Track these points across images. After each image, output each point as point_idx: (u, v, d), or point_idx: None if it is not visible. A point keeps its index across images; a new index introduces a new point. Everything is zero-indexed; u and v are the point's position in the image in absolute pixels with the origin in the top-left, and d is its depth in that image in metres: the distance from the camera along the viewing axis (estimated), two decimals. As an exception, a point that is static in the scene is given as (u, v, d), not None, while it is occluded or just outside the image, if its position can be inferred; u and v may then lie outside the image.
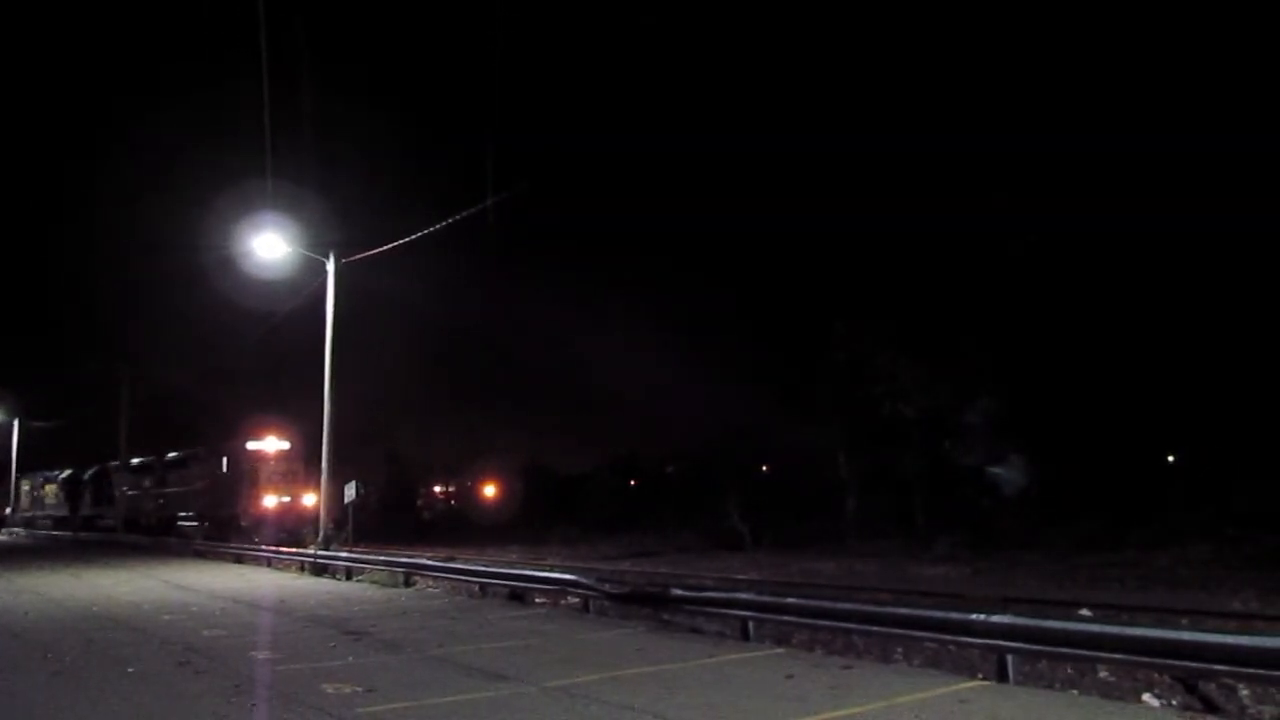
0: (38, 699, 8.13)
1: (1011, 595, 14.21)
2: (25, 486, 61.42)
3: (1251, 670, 6.93)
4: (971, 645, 8.81)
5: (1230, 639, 7.31)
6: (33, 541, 46.19)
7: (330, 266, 24.66)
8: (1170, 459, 31.27)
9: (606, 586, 13.83)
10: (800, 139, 29.82)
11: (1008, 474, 27.08)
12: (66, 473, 54.98)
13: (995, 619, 8.41)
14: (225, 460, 36.46)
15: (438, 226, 22.50)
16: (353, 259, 24.82)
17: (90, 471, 51.73)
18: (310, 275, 25.40)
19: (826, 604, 10.77)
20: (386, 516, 45.90)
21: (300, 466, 34.40)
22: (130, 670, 9.30)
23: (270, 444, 35.76)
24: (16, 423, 60.80)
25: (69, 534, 49.42)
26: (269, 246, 24.47)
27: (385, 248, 23.89)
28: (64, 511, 54.10)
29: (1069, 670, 9.16)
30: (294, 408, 34.22)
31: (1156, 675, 8.55)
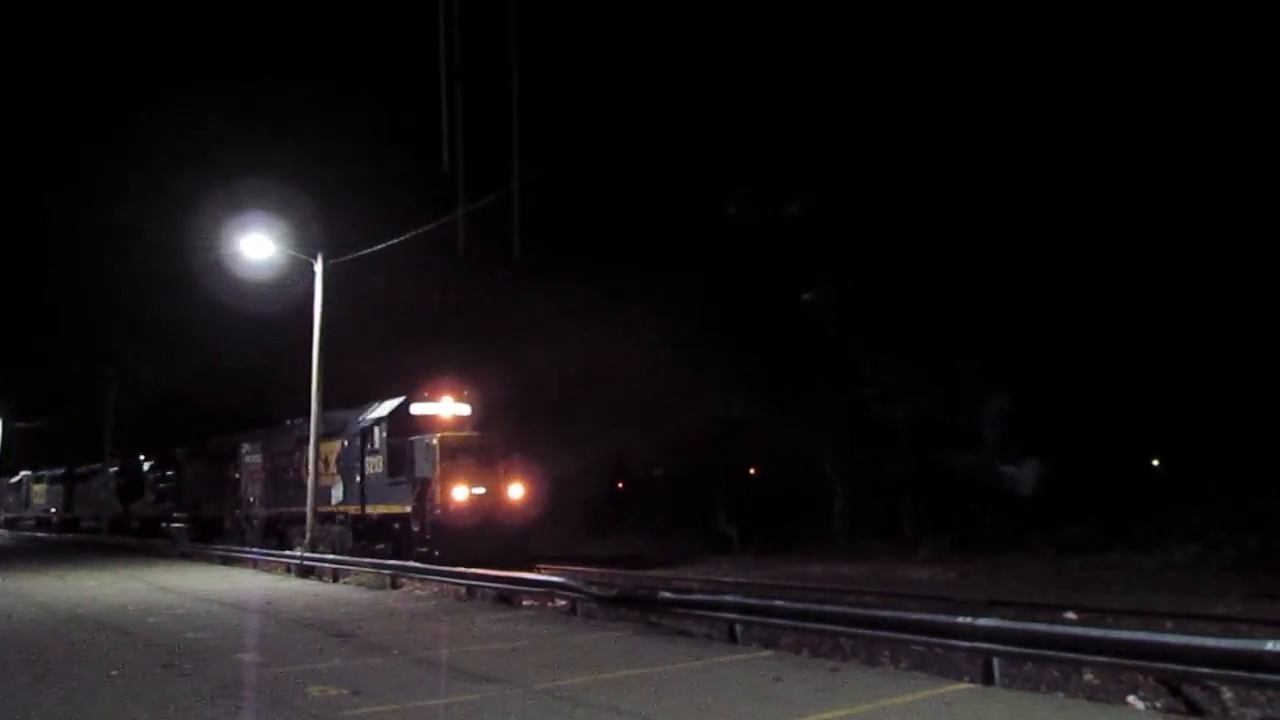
0: (20, 702, 8.06)
1: (998, 598, 14.28)
2: (47, 484, 53.34)
3: (1235, 673, 6.97)
4: (958, 648, 8.84)
5: (1214, 642, 7.38)
6: (16, 543, 45.74)
7: (318, 267, 24.57)
8: (1155, 463, 31.43)
9: (594, 589, 13.83)
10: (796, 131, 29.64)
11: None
12: (114, 466, 45.63)
13: (981, 622, 8.45)
14: (377, 431, 23.77)
15: (428, 228, 22.48)
16: (341, 260, 24.75)
17: (150, 461, 41.58)
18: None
19: (814, 606, 10.81)
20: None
21: (494, 440, 22.93)
22: (114, 673, 9.24)
23: (446, 406, 23.89)
24: (1, 422, 59.62)
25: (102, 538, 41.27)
26: (257, 247, 24.36)
27: (375, 249, 23.84)
28: (116, 509, 44.60)
29: (1055, 673, 9.20)
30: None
31: (1141, 678, 8.59)
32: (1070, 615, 12.48)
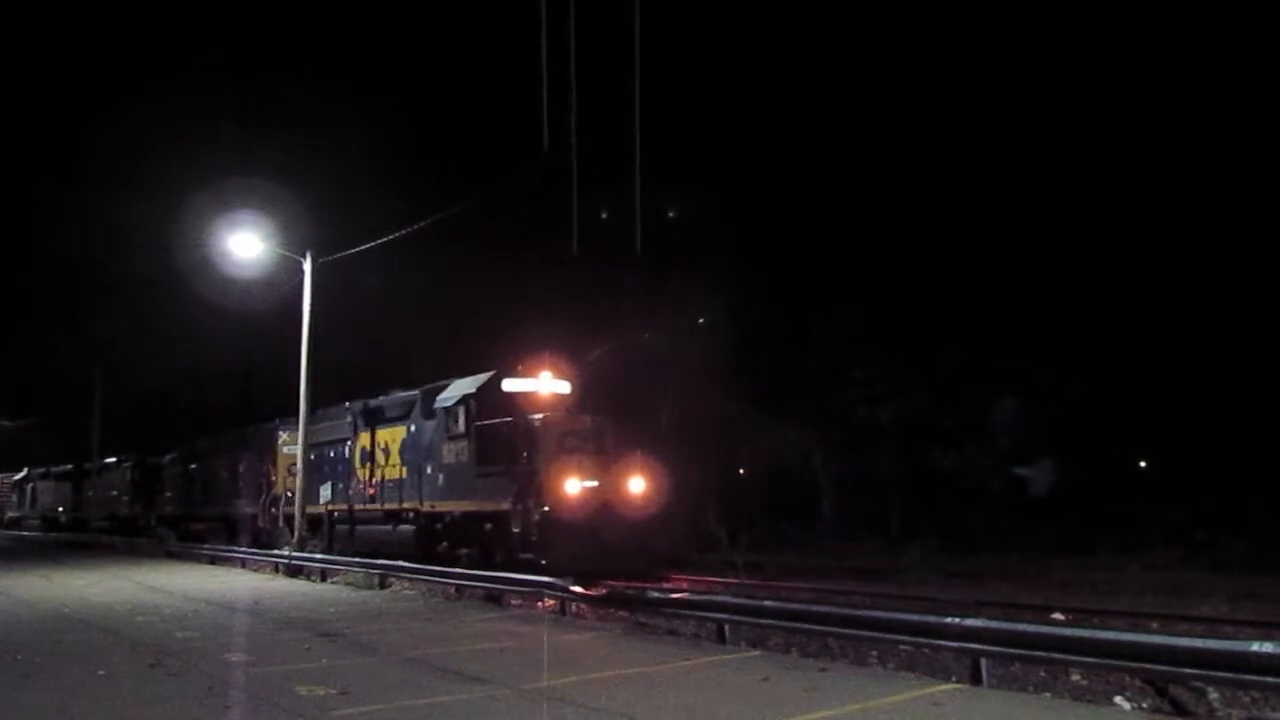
0: (6, 702, 8.03)
1: (985, 599, 14.32)
2: (53, 482, 49.97)
3: (1220, 673, 7.02)
4: (946, 648, 8.87)
5: (1200, 643, 7.41)
6: (5, 542, 45.38)
7: (307, 266, 24.50)
8: (1141, 464, 31.58)
9: (582, 589, 13.81)
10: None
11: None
12: (129, 460, 41.03)
13: (969, 622, 8.48)
14: (462, 412, 19.45)
15: (419, 225, 22.46)
16: (330, 258, 24.68)
17: (170, 455, 37.01)
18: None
19: (802, 607, 10.84)
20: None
21: (605, 424, 18.93)
22: (101, 673, 9.19)
23: (545, 383, 19.73)
24: None
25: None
26: (246, 245, 24.29)
27: (364, 247, 23.78)
28: (131, 509, 40.18)
29: (1042, 673, 9.24)
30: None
31: (1128, 678, 8.64)
32: (1058, 616, 12.53)
